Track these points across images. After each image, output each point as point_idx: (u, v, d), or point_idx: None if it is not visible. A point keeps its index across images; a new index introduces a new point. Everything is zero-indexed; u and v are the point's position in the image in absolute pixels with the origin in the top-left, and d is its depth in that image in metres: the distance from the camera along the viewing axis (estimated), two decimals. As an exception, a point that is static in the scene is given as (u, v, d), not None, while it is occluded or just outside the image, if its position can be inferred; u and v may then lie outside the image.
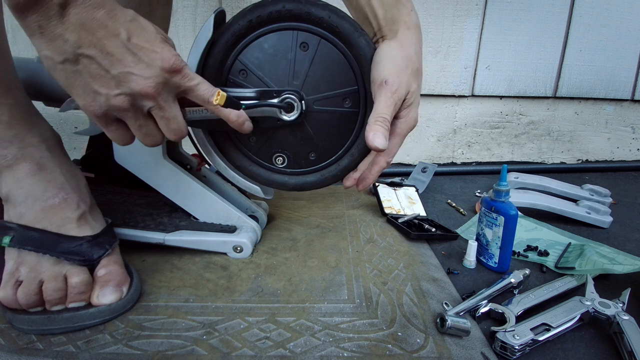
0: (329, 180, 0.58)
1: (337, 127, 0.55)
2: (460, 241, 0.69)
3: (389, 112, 0.47)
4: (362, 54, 0.51)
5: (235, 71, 0.53)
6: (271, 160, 0.57)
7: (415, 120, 0.52)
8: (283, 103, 0.51)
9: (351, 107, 0.54)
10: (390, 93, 0.47)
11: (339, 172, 0.57)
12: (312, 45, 0.52)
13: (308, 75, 0.52)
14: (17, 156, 0.44)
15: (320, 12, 0.50)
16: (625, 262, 0.59)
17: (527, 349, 0.42)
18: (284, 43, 0.52)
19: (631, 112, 1.19)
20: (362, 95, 0.53)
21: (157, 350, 0.40)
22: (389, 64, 0.48)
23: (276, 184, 0.58)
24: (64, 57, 0.36)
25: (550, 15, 1.05)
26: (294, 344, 0.41)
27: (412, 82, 0.49)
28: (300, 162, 0.57)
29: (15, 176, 0.44)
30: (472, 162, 1.16)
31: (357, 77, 0.53)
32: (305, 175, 0.58)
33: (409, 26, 0.49)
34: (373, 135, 0.46)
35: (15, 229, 0.43)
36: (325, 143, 0.56)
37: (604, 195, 0.85)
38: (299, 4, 0.50)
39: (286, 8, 0.50)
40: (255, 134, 0.55)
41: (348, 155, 0.56)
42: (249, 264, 0.57)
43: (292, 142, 0.56)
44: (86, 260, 0.45)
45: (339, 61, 0.52)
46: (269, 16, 0.51)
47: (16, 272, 0.43)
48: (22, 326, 0.42)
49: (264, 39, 0.52)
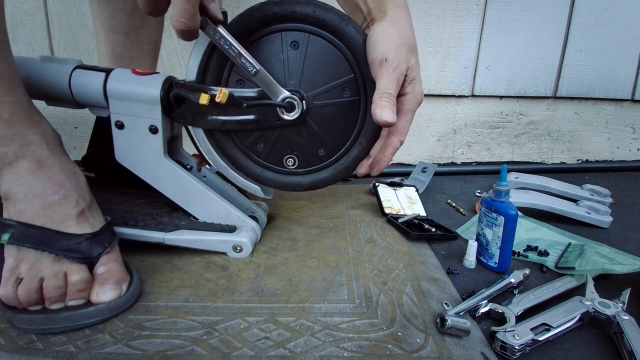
0: (342, 173, 0.57)
1: (341, 119, 0.55)
2: (460, 241, 0.69)
3: (392, 88, 0.47)
4: (352, 41, 0.51)
5: (232, 82, 0.54)
6: (282, 163, 0.57)
7: (421, 94, 0.52)
8: (284, 103, 0.52)
9: (351, 96, 0.54)
10: (392, 69, 0.47)
11: (350, 163, 0.57)
12: (302, 43, 0.52)
13: (303, 72, 0.52)
14: (17, 154, 0.45)
15: (304, 8, 0.50)
16: (625, 262, 0.59)
17: (527, 349, 0.42)
18: (275, 46, 0.52)
19: (631, 112, 1.19)
20: (360, 83, 0.53)
21: (157, 350, 0.40)
22: (386, 43, 0.48)
23: (291, 186, 0.58)
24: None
25: (550, 15, 1.05)
26: (294, 344, 0.41)
27: (410, 58, 0.49)
28: (310, 160, 0.57)
29: (15, 173, 0.44)
30: (472, 162, 1.16)
31: (351, 65, 0.53)
32: (317, 173, 0.58)
33: (397, 5, 0.50)
34: (380, 111, 0.46)
35: (14, 226, 0.43)
36: (331, 137, 0.55)
37: (604, 195, 0.85)
38: (282, 5, 0.50)
39: (271, 12, 0.51)
40: (261, 140, 0.55)
41: (357, 145, 0.56)
42: (249, 264, 0.57)
43: (299, 142, 0.56)
44: (85, 257, 0.45)
45: (331, 53, 0.52)
46: (256, 23, 0.51)
47: (16, 269, 0.43)
48: (22, 326, 0.42)
49: (255, 47, 0.52)
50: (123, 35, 0.70)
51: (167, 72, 0.64)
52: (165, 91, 0.53)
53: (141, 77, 0.54)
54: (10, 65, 0.45)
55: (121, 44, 0.71)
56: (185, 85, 0.53)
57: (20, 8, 0.94)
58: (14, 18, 0.94)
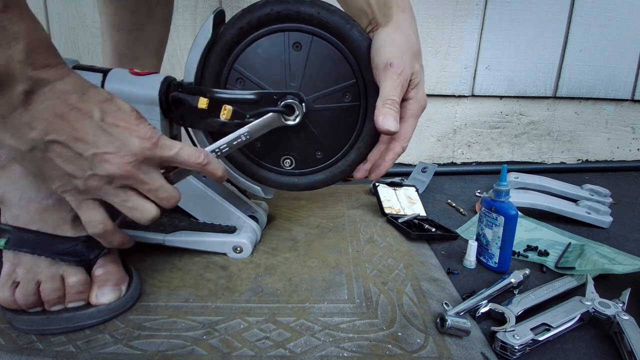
0: (338, 176, 0.57)
1: (340, 123, 0.55)
2: (460, 241, 0.69)
3: (396, 94, 0.47)
4: (356, 45, 0.51)
5: (232, 80, 0.53)
6: (279, 163, 0.57)
7: (425, 99, 0.51)
8: (284, 107, 0.51)
9: (352, 101, 0.54)
10: (396, 75, 0.46)
11: (347, 167, 0.57)
12: (305, 44, 0.51)
13: (305, 75, 0.52)
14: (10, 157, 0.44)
15: (308, 9, 0.50)
16: (625, 262, 0.59)
17: (527, 349, 0.42)
18: (277, 46, 0.52)
19: (631, 112, 1.19)
20: (362, 88, 0.53)
21: (157, 350, 0.40)
22: (390, 48, 0.47)
23: (287, 186, 0.58)
24: (31, 146, 0.35)
25: (550, 15, 1.05)
26: (294, 344, 0.41)
27: (415, 63, 0.49)
28: (307, 162, 0.57)
29: (9, 177, 0.44)
30: (472, 162, 1.16)
31: (354, 69, 0.52)
32: (314, 175, 0.58)
33: (403, 9, 0.49)
34: (383, 119, 0.46)
35: (10, 231, 0.43)
36: (330, 140, 0.55)
37: (604, 195, 0.85)
38: (287, 5, 0.50)
39: (275, 10, 0.50)
40: (259, 138, 0.55)
41: (354, 149, 0.56)
42: (249, 264, 0.57)
43: (297, 144, 0.55)
44: (82, 260, 0.45)
45: (334, 56, 0.52)
46: (259, 21, 0.50)
47: (13, 273, 0.43)
48: (22, 326, 0.42)
49: (257, 45, 0.52)
50: (127, 33, 0.70)
51: (167, 72, 0.64)
52: (163, 92, 0.53)
53: (139, 77, 0.54)
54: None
55: (125, 42, 0.71)
56: (184, 87, 0.53)
57: (20, 8, 0.93)
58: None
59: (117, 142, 0.37)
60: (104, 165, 0.37)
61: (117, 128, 0.38)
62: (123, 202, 0.40)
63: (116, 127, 0.37)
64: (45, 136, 0.35)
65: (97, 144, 0.37)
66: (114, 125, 0.37)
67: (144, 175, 0.39)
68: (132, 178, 0.39)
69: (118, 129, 0.38)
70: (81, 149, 0.36)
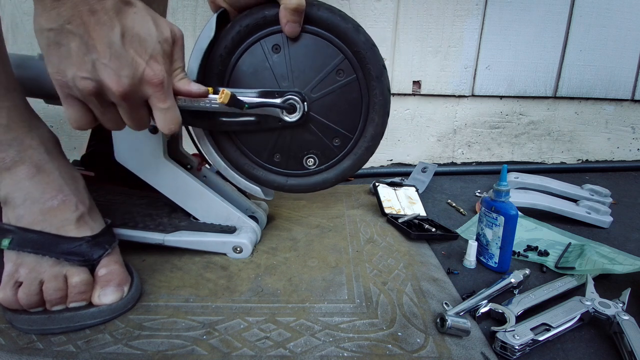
0: (365, 154, 0.57)
1: (345, 103, 0.54)
2: (460, 241, 0.69)
3: None
4: (327, 22, 0.51)
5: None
6: (303, 166, 0.57)
7: None
8: (285, 104, 0.51)
9: (347, 77, 0.54)
10: None
11: (370, 142, 0.56)
12: (282, 43, 0.52)
13: (292, 71, 0.52)
14: (15, 159, 0.44)
15: (272, 10, 0.51)
16: (625, 262, 0.59)
17: (527, 349, 0.42)
18: (258, 56, 0.53)
19: (631, 112, 1.19)
20: (353, 60, 0.53)
21: (157, 350, 0.40)
22: None
23: (320, 185, 0.58)
24: (51, 27, 0.37)
25: (550, 15, 1.05)
26: (294, 344, 0.41)
27: None
28: (329, 154, 0.57)
29: (13, 179, 0.44)
30: (472, 162, 1.16)
31: (337, 46, 0.53)
32: (340, 164, 0.58)
33: None
34: None
35: (13, 231, 0.43)
36: (342, 124, 0.55)
37: (604, 195, 0.85)
38: (252, 15, 0.51)
39: (244, 25, 0.51)
40: (276, 150, 0.55)
41: (370, 123, 0.55)
42: (249, 264, 0.57)
43: (311, 139, 0.55)
44: (86, 260, 0.45)
45: (313, 42, 0.52)
46: (232, 42, 0.52)
47: (15, 273, 0.43)
48: (23, 326, 0.42)
49: (241, 63, 0.53)
50: None
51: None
52: None
53: None
54: (7, 69, 0.45)
55: None
56: None
57: (21, 8, 0.94)
58: (14, 18, 0.94)
59: (120, 62, 0.38)
60: (99, 73, 0.38)
61: (126, 55, 0.38)
62: (102, 112, 0.42)
63: (125, 52, 0.38)
64: (66, 24, 0.36)
65: (103, 54, 0.38)
66: (125, 49, 0.38)
67: (129, 104, 0.41)
68: (120, 98, 0.40)
69: (126, 56, 0.38)
70: (87, 49, 0.37)
